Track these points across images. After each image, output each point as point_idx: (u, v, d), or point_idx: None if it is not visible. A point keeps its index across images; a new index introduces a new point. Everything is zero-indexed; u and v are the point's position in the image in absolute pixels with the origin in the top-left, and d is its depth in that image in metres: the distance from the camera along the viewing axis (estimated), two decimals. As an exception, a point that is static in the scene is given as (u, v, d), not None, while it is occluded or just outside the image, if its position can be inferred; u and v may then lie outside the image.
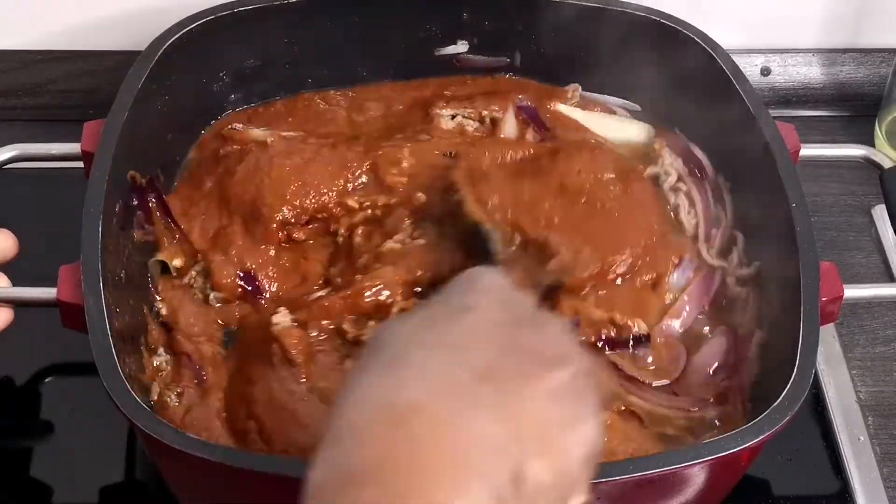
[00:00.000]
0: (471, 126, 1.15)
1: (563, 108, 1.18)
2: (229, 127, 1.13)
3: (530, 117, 1.16)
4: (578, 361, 0.67)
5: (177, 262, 1.04)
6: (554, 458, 0.63)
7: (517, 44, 1.19)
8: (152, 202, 1.04)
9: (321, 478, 0.60)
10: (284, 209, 1.05)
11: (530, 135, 1.15)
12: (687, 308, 1.03)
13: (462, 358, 0.64)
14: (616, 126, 1.18)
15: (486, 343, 0.65)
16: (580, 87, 1.20)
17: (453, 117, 1.16)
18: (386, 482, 0.58)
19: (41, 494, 0.99)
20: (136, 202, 1.02)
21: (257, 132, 1.12)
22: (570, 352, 0.68)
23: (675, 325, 1.02)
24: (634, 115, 1.19)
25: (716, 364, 1.00)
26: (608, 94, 1.19)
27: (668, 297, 1.03)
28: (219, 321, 1.02)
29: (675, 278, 1.04)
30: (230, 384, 0.97)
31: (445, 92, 1.19)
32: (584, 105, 1.19)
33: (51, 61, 1.28)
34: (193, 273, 1.04)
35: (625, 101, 1.19)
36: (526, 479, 0.61)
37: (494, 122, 1.16)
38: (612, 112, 1.20)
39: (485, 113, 1.16)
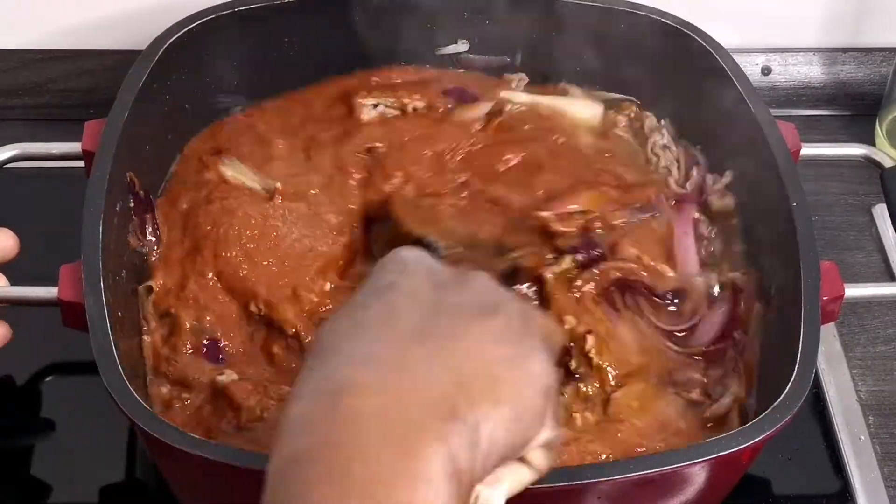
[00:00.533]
0: (392, 114, 1.15)
1: (504, 94, 1.17)
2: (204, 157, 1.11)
3: (459, 98, 1.16)
4: (510, 305, 0.67)
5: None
6: (508, 396, 0.62)
7: (518, 43, 1.19)
8: (147, 217, 1.04)
9: (272, 471, 0.59)
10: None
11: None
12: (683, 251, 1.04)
13: (389, 330, 0.63)
14: (568, 105, 1.17)
15: (412, 310, 0.65)
16: (527, 78, 1.19)
17: (375, 106, 1.15)
18: (331, 463, 0.57)
19: (41, 493, 0.99)
20: (132, 206, 1.02)
21: (230, 173, 1.09)
22: (499, 299, 0.68)
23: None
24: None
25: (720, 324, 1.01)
26: (608, 92, 1.19)
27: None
28: None
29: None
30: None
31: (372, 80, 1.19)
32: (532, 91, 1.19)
33: (51, 61, 1.28)
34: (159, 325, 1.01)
35: (626, 98, 1.19)
36: (479, 423, 0.60)
37: (417, 112, 1.16)
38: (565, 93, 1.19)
39: (406, 101, 1.15)
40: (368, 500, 0.56)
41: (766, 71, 1.33)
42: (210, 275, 1.01)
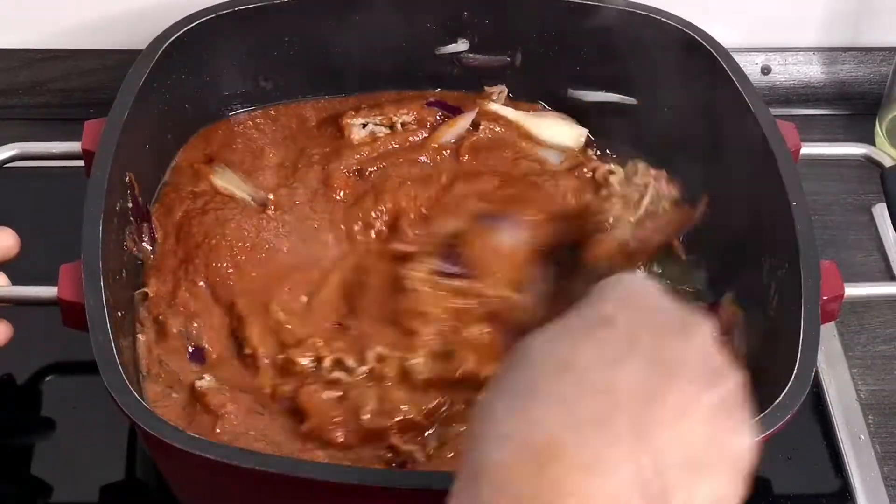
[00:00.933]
0: (382, 132, 1.15)
1: (494, 106, 1.18)
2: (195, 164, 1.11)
3: (444, 109, 1.17)
4: (731, 376, 0.63)
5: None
6: (714, 478, 0.60)
7: (518, 42, 1.19)
8: (143, 226, 1.04)
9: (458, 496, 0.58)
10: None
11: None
12: None
13: (601, 381, 0.60)
14: (549, 125, 1.18)
15: (628, 361, 0.60)
16: (506, 90, 1.20)
17: (364, 126, 1.15)
18: None
19: (42, 493, 1.00)
20: (130, 207, 1.02)
21: (220, 183, 1.09)
22: (722, 366, 0.63)
23: None
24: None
25: None
26: (607, 92, 1.19)
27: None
28: None
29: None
30: None
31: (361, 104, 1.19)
32: (515, 106, 1.19)
33: (51, 60, 1.28)
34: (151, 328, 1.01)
35: (622, 96, 1.19)
36: None
37: (406, 127, 1.16)
38: (547, 112, 1.20)
39: (395, 118, 1.15)
40: None
41: (766, 70, 1.33)
42: (201, 283, 1.02)
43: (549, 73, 1.19)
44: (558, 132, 1.17)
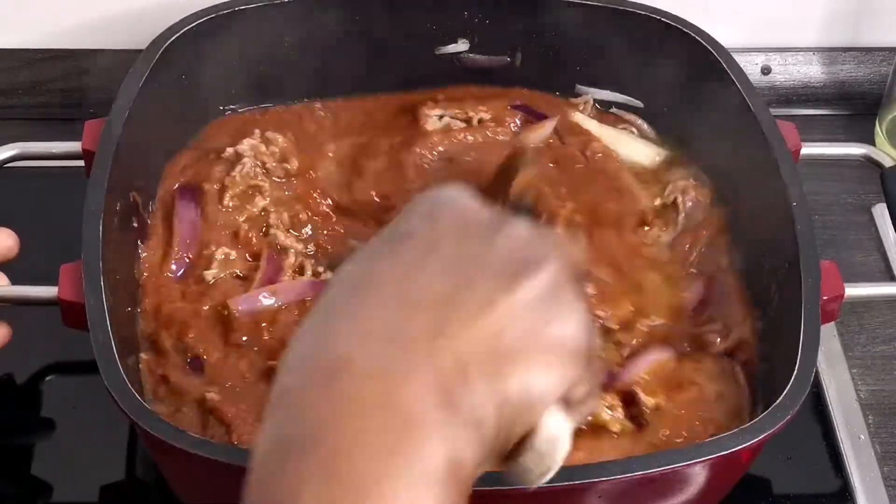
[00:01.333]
0: (458, 125, 1.15)
1: (579, 116, 1.18)
2: None
3: (527, 113, 1.17)
4: (553, 259, 0.61)
5: None
6: (538, 362, 0.59)
7: (518, 43, 1.19)
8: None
9: (261, 452, 0.55)
10: None
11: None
12: None
13: (397, 292, 0.58)
14: (627, 143, 1.17)
15: (429, 269, 0.59)
16: (592, 99, 1.20)
17: (441, 118, 1.16)
18: (323, 451, 0.53)
19: (42, 493, 1.00)
20: (135, 226, 1.03)
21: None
22: (540, 251, 0.61)
23: None
24: (649, 137, 1.19)
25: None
26: (613, 91, 1.20)
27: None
28: None
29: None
30: None
31: (438, 96, 1.19)
32: (599, 119, 1.19)
33: (51, 60, 1.28)
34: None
35: (627, 97, 1.19)
36: (482, 420, 0.56)
37: (482, 124, 1.16)
38: (629, 130, 1.19)
39: (472, 114, 1.16)
40: (362, 502, 0.52)
41: (766, 70, 1.33)
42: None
43: (549, 74, 1.19)
44: (635, 150, 1.17)
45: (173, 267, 1.02)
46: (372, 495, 0.52)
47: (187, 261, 1.03)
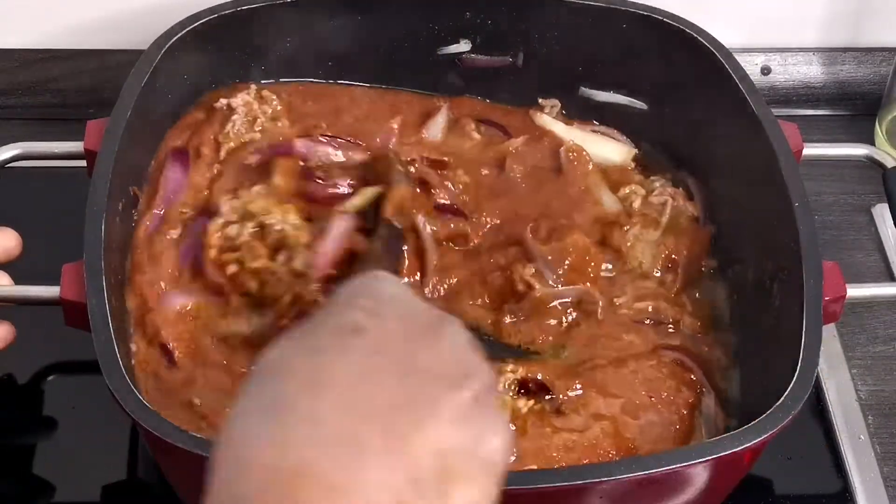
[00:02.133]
0: None
1: (545, 118, 1.18)
2: None
3: (490, 126, 1.18)
4: (480, 376, 0.63)
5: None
6: (469, 481, 0.59)
7: (520, 43, 1.18)
8: None
9: None
10: None
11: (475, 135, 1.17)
12: None
13: (350, 397, 0.58)
14: (597, 142, 1.17)
15: (382, 373, 0.60)
16: (559, 104, 1.20)
17: None
18: None
19: (44, 492, 1.00)
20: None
21: None
22: (471, 366, 0.63)
23: None
24: (624, 130, 1.19)
25: None
26: (616, 93, 1.19)
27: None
28: None
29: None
30: None
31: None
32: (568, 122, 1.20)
33: (51, 60, 1.28)
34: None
35: (631, 98, 1.19)
36: None
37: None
38: (594, 130, 1.19)
39: None
40: None
41: (766, 71, 1.33)
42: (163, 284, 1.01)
43: (551, 75, 1.19)
44: (605, 148, 1.17)
45: (147, 224, 1.03)
46: None
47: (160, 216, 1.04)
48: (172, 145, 1.08)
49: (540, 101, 1.20)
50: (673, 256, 1.07)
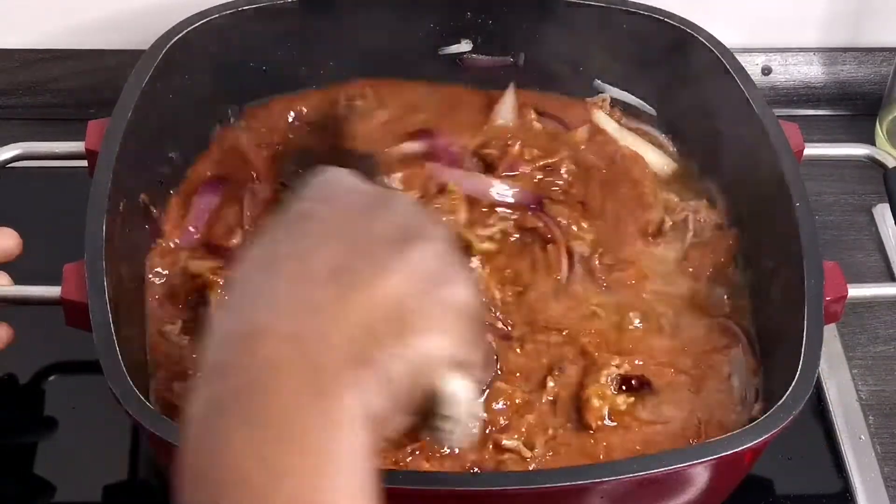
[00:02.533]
0: None
1: (600, 115, 1.18)
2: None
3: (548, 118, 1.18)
4: (432, 231, 0.67)
5: None
6: (419, 335, 0.63)
7: (521, 43, 1.18)
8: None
9: (192, 418, 0.60)
10: None
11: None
12: None
13: (303, 268, 0.64)
14: (644, 149, 1.16)
15: (329, 244, 0.65)
16: (609, 99, 1.19)
17: None
18: (251, 404, 0.58)
19: (45, 492, 1.00)
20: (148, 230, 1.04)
21: None
22: (421, 224, 0.68)
23: None
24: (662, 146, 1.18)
25: None
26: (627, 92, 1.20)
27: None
28: None
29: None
30: None
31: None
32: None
33: (52, 60, 1.28)
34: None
35: (642, 102, 1.19)
36: (396, 358, 0.62)
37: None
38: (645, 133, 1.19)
39: None
40: (286, 443, 0.57)
41: (767, 71, 1.33)
42: None
43: (552, 75, 1.19)
44: (650, 155, 1.16)
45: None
46: (296, 434, 0.57)
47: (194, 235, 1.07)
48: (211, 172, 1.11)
49: (589, 99, 1.20)
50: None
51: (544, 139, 1.15)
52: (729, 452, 0.82)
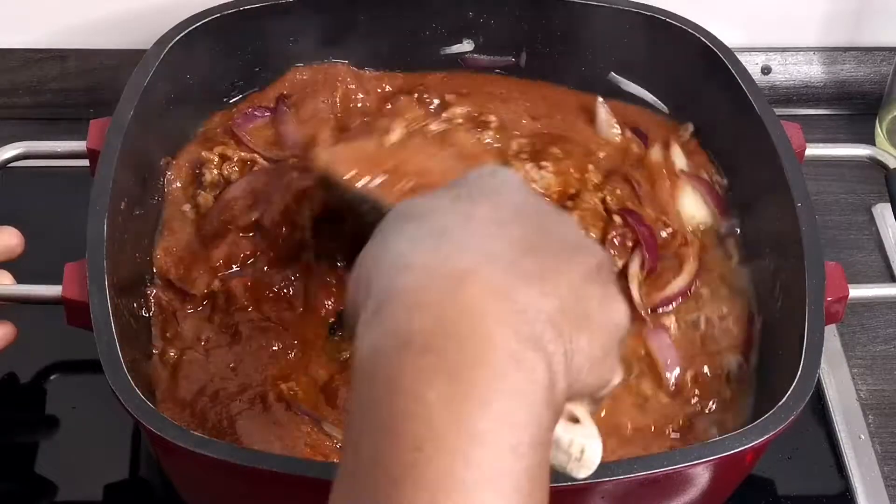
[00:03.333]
0: None
1: (676, 150, 1.13)
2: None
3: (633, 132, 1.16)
4: (600, 251, 0.67)
5: None
6: (597, 334, 0.63)
7: (523, 43, 1.19)
8: None
9: (369, 345, 0.58)
10: None
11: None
12: None
13: (502, 231, 0.62)
14: (689, 193, 1.10)
15: (520, 222, 0.63)
16: (692, 128, 1.16)
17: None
18: (445, 349, 0.56)
19: (46, 491, 1.00)
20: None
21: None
22: (591, 242, 0.69)
23: None
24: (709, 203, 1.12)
25: None
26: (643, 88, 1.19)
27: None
28: None
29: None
30: None
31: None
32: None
33: (52, 59, 1.28)
34: None
35: (656, 99, 1.18)
36: (574, 353, 0.61)
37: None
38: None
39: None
40: (485, 406, 0.56)
41: (766, 70, 1.33)
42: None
43: (553, 75, 1.19)
44: (696, 205, 1.10)
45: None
46: (494, 401, 0.56)
47: None
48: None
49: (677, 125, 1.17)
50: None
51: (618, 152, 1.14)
52: (730, 452, 0.82)
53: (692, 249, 1.05)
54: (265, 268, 1.02)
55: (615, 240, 1.03)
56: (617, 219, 1.04)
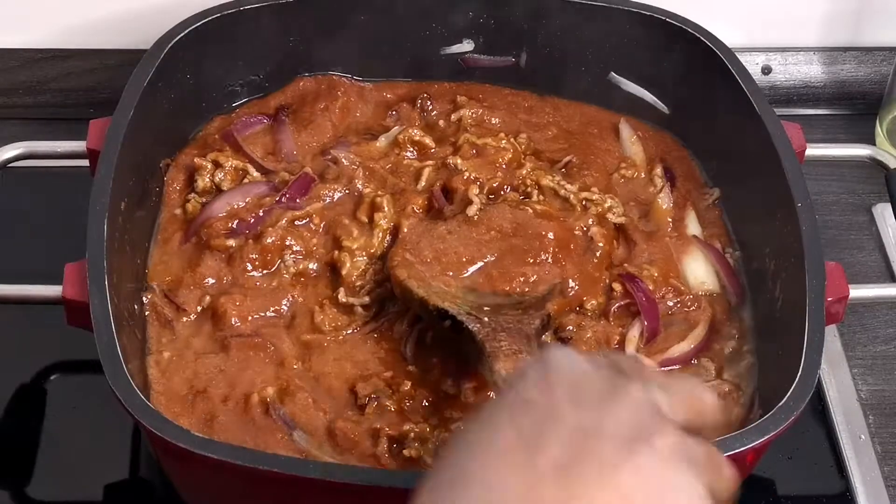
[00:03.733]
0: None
1: (692, 217, 1.11)
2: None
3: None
4: (665, 431, 0.64)
5: None
6: None
7: (523, 43, 1.19)
8: None
9: None
10: None
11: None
12: None
13: (527, 462, 0.61)
14: (699, 259, 1.08)
15: (551, 439, 0.62)
16: (719, 193, 1.13)
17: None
18: None
19: (46, 491, 1.00)
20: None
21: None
22: (648, 427, 0.64)
23: None
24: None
25: None
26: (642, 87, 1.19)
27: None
28: None
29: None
30: None
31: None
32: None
33: (53, 60, 1.28)
34: None
35: (656, 99, 1.18)
36: None
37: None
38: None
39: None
40: None
41: (767, 70, 1.33)
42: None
43: (554, 75, 1.19)
44: (700, 270, 1.07)
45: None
46: None
47: None
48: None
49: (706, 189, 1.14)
50: None
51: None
52: (731, 453, 0.82)
53: (704, 316, 1.03)
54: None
55: (616, 310, 1.02)
56: (617, 287, 1.03)
